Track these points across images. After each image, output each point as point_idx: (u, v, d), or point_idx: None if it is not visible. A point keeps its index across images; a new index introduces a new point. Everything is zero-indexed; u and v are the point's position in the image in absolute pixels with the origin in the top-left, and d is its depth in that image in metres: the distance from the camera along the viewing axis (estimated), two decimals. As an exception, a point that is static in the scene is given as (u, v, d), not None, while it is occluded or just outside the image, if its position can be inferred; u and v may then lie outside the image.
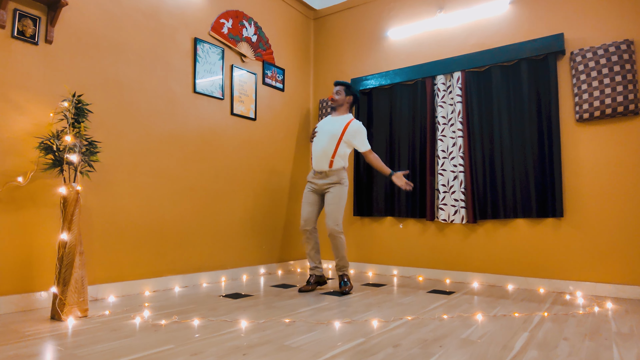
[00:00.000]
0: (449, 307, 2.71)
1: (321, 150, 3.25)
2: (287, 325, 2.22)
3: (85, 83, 2.88)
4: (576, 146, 3.37)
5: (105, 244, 2.94)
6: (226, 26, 3.92)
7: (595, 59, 3.21)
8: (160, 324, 2.24)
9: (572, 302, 2.93)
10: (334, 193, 3.22)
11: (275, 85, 4.46)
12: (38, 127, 2.63)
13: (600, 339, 2.02)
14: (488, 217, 3.67)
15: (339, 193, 3.23)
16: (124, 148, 3.09)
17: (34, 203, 2.60)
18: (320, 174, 3.27)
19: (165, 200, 3.34)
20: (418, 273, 4.06)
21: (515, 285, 3.53)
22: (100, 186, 2.93)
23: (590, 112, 3.24)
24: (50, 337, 1.99)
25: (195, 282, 3.51)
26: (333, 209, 3.18)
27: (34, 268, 2.59)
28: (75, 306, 2.34)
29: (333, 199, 3.21)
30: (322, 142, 3.26)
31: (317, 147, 3.27)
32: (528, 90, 3.56)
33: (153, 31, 3.31)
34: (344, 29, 4.80)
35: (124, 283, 3.02)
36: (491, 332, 2.12)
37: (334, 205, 3.19)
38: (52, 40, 2.71)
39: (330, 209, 3.20)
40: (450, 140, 3.90)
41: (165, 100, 3.37)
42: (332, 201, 3.21)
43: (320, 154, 3.25)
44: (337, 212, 3.18)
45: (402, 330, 2.15)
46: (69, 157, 2.42)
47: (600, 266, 3.22)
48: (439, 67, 3.97)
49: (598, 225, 3.25)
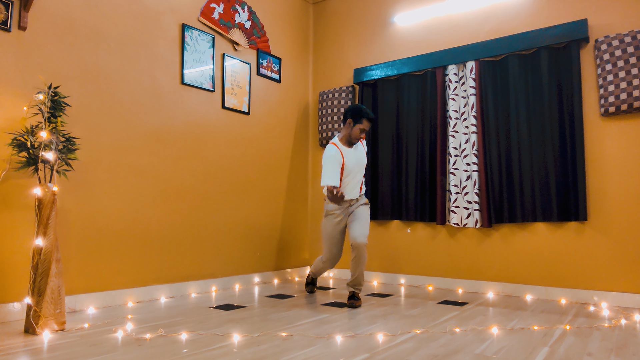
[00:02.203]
0: (461, 320, 2.71)
1: (357, 184, 3.28)
2: (283, 340, 2.23)
3: (62, 73, 2.89)
4: (601, 143, 3.38)
5: (84, 251, 2.94)
6: (217, 11, 3.92)
7: (622, 47, 3.22)
8: (145, 338, 2.24)
9: (597, 314, 2.93)
10: (364, 209, 3.29)
11: (270, 76, 4.46)
12: (10, 122, 2.63)
13: (628, 355, 2.02)
14: (504, 221, 3.67)
15: (367, 209, 3.32)
16: (105, 145, 3.09)
17: (6, 205, 2.60)
18: (352, 200, 3.29)
19: (150, 202, 3.34)
20: (427, 282, 4.06)
21: (535, 296, 3.53)
22: (78, 187, 2.93)
23: (616, 105, 3.24)
24: (23, 352, 1.99)
25: (183, 292, 3.52)
26: (364, 224, 3.19)
27: (5, 277, 2.59)
28: (51, 319, 2.34)
29: (364, 214, 3.25)
30: (358, 177, 3.29)
31: (354, 183, 3.27)
32: (548, 82, 3.56)
33: (136, 16, 3.31)
34: (347, 14, 4.81)
35: (105, 293, 3.02)
36: (508, 347, 2.12)
37: (365, 220, 3.22)
38: (26, 26, 2.71)
39: (362, 223, 3.19)
40: (462, 137, 3.90)
41: (150, 93, 3.38)
42: (363, 216, 3.23)
43: (356, 186, 3.28)
44: (367, 226, 3.22)
45: (410, 345, 2.15)
46: (44, 155, 2.42)
47: (627, 274, 3.22)
48: (451, 56, 3.98)
49: (625, 230, 3.25)
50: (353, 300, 3.10)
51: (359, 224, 3.17)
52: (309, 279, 3.69)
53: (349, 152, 3.22)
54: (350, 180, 3.23)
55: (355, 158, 3.24)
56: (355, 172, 3.24)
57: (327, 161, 3.14)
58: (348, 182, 3.23)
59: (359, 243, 3.09)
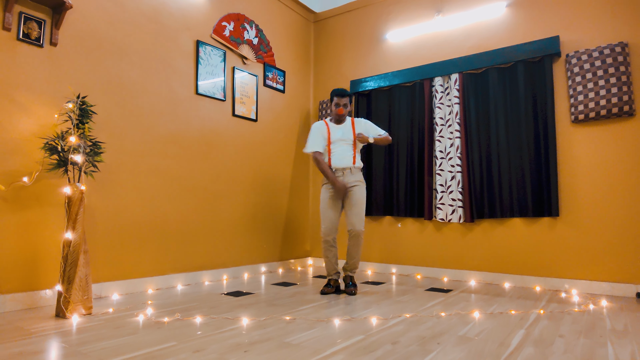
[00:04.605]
0: (446, 305, 2.71)
1: (347, 153, 3.15)
2: (287, 323, 2.23)
3: (89, 85, 2.89)
4: (572, 147, 3.38)
5: (108, 243, 2.94)
6: (228, 29, 3.92)
7: (590, 61, 3.22)
8: (163, 321, 2.25)
9: (568, 300, 2.93)
10: (360, 192, 3.11)
11: (276, 87, 4.46)
12: (43, 128, 2.63)
13: (595, 336, 2.02)
14: (485, 217, 3.67)
15: (363, 192, 3.14)
16: (127, 148, 3.09)
17: (39, 203, 2.61)
18: (344, 169, 3.13)
19: (168, 199, 3.34)
20: (416, 271, 4.06)
21: (512, 284, 3.53)
22: (104, 186, 2.93)
23: (585, 113, 3.24)
24: (55, 334, 1.99)
25: (197, 280, 3.52)
26: (360, 209, 3.08)
27: (39, 266, 2.59)
28: (79, 304, 2.34)
29: (360, 198, 3.10)
30: (346, 146, 3.16)
31: (342, 150, 3.15)
32: (524, 92, 3.56)
33: (156, 33, 3.31)
34: (344, 31, 4.81)
35: (127, 281, 3.02)
36: (488, 330, 2.12)
37: (361, 205, 3.09)
38: (57, 42, 2.71)
39: (357, 209, 3.07)
40: (447, 141, 3.90)
41: (167, 102, 3.38)
42: (359, 200, 3.09)
43: (346, 155, 3.15)
44: (363, 211, 3.10)
45: (400, 328, 2.15)
46: (73, 158, 2.42)
47: (595, 265, 3.22)
48: (437, 69, 3.97)
49: (593, 225, 3.25)
50: (351, 288, 3.08)
51: (355, 211, 3.07)
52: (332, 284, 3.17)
53: (335, 127, 3.22)
54: (336, 148, 3.15)
55: (341, 132, 3.19)
56: (340, 143, 3.16)
57: (311, 132, 3.22)
58: (334, 149, 3.15)
59: (357, 230, 3.05)
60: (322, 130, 3.21)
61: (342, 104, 3.17)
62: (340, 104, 3.16)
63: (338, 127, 3.22)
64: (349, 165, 3.13)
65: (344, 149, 3.16)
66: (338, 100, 3.17)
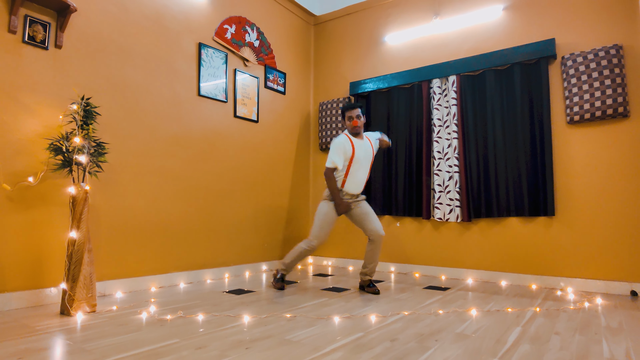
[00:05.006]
0: (444, 303, 2.71)
1: (363, 179, 3.13)
2: (288, 320, 2.23)
3: (93, 86, 2.88)
4: (567, 147, 3.37)
5: (112, 242, 2.94)
6: (229, 32, 3.92)
7: (586, 63, 3.21)
8: (166, 318, 2.24)
9: (563, 297, 2.93)
10: (367, 205, 3.17)
11: (276, 89, 4.46)
12: (48, 129, 2.63)
13: (590, 334, 2.02)
14: (482, 216, 3.67)
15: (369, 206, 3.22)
16: (131, 149, 3.09)
17: (44, 202, 2.61)
18: (352, 195, 3.13)
19: (170, 199, 3.34)
20: (414, 270, 4.06)
21: (509, 282, 3.53)
22: (107, 186, 2.93)
23: (580, 114, 3.24)
24: (59, 331, 1.99)
25: (199, 278, 3.51)
26: (375, 216, 3.13)
27: (44, 265, 2.59)
28: (83, 302, 2.34)
29: (369, 207, 3.15)
30: (365, 170, 3.11)
31: (361, 175, 3.09)
32: (521, 94, 3.56)
33: (159, 36, 3.31)
34: (343, 34, 4.80)
35: (130, 279, 3.02)
36: (485, 327, 2.12)
37: (373, 212, 3.14)
38: (62, 45, 2.71)
39: (373, 216, 3.10)
40: (445, 142, 3.90)
41: (170, 103, 3.37)
42: (370, 209, 3.13)
43: (362, 181, 3.12)
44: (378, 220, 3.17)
45: (399, 325, 2.15)
46: (77, 158, 2.42)
47: (590, 263, 3.22)
48: (435, 71, 3.97)
49: (588, 224, 3.25)
50: (375, 288, 3.05)
51: (374, 218, 3.08)
52: (278, 276, 3.23)
53: (358, 142, 3.09)
54: (358, 169, 3.06)
55: (363, 149, 3.09)
56: (363, 163, 3.07)
57: (335, 147, 3.03)
58: (356, 170, 3.06)
59: (380, 235, 3.05)
60: (346, 148, 3.03)
61: (356, 115, 3.07)
62: (353, 116, 3.06)
63: (360, 142, 3.10)
64: (359, 191, 3.14)
65: (362, 173, 3.09)
66: (350, 113, 3.08)
